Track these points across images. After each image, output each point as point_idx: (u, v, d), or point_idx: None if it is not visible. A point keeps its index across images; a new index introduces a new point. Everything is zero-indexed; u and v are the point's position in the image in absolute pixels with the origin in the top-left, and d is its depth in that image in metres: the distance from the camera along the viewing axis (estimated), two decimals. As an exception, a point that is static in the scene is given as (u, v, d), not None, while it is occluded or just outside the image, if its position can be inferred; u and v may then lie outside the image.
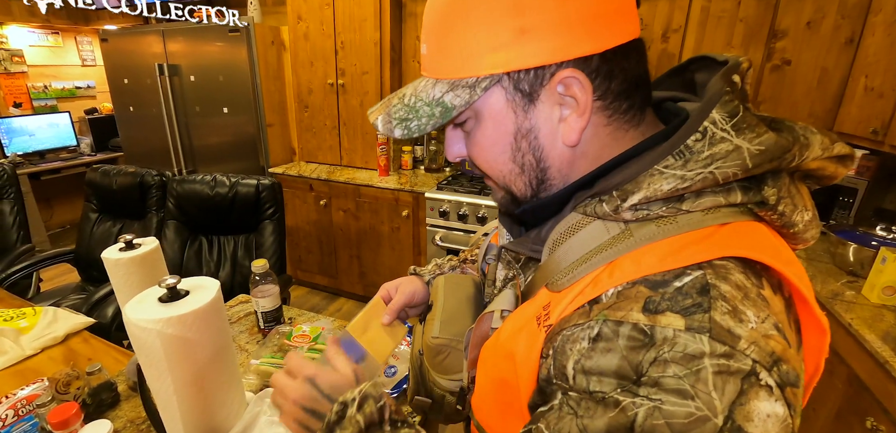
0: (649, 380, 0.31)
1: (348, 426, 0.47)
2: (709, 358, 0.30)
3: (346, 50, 2.63)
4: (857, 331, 1.22)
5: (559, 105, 0.40)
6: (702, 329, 0.31)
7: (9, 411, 0.90)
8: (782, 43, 1.94)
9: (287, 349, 0.99)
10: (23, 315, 1.31)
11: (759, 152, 0.34)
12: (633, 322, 0.33)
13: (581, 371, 0.35)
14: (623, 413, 0.32)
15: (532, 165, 0.43)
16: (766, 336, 0.32)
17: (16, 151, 3.79)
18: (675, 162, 0.36)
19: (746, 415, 0.30)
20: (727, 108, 0.35)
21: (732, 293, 0.33)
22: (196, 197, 1.87)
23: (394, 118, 0.44)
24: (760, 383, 0.30)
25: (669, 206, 0.37)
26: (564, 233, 0.42)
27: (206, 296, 0.71)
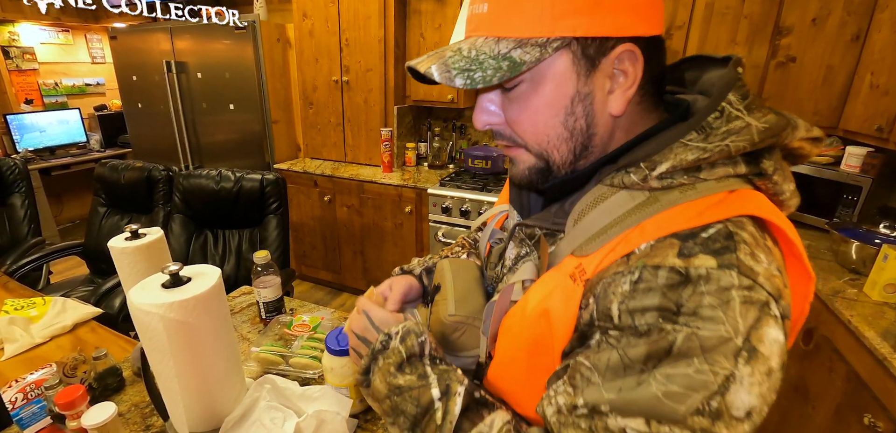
0: (688, 310, 0.37)
1: (391, 355, 0.52)
2: (737, 289, 0.36)
3: (351, 47, 2.65)
4: (856, 328, 1.22)
5: (610, 77, 0.44)
6: (731, 266, 0.37)
7: (18, 394, 0.93)
8: (787, 40, 1.93)
9: (287, 337, 1.01)
10: (33, 305, 1.34)
11: (765, 128, 0.41)
12: (671, 265, 0.38)
13: (626, 310, 0.39)
14: (664, 338, 0.37)
15: (582, 130, 0.46)
16: (773, 275, 0.38)
17: (27, 147, 3.86)
18: (698, 136, 0.42)
19: (759, 338, 0.36)
20: (740, 92, 0.42)
21: (749, 239, 0.39)
22: (202, 191, 1.90)
23: (453, 68, 0.44)
24: (770, 313, 0.37)
25: (690, 175, 0.43)
26: (590, 204, 0.47)
27: (207, 282, 0.73)
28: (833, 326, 1.35)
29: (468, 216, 2.36)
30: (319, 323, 1.06)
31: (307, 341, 0.99)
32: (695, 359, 0.36)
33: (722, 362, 0.35)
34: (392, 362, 0.52)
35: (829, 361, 1.35)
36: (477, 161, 2.60)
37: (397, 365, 0.51)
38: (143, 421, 0.88)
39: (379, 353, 0.53)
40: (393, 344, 0.52)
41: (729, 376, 0.35)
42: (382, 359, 0.52)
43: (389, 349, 0.52)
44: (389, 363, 0.52)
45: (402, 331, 0.53)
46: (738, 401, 0.35)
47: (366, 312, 0.58)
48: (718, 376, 0.35)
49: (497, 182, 2.46)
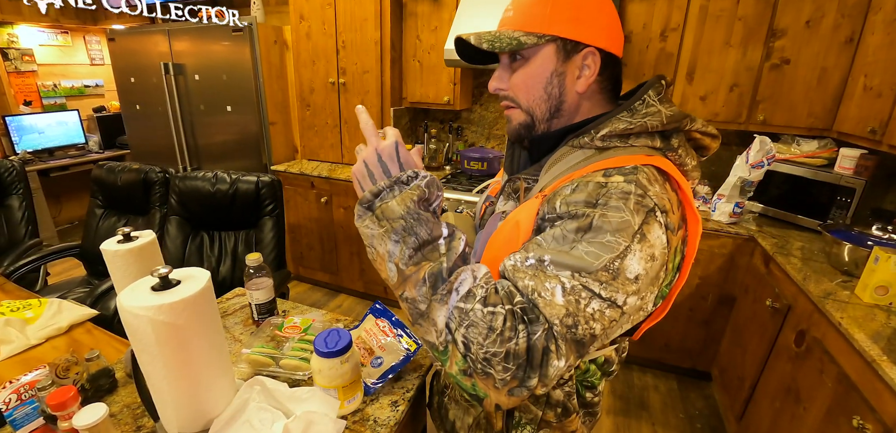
0: (602, 202, 0.58)
1: (415, 190, 0.59)
2: (633, 195, 0.57)
3: (348, 49, 2.66)
4: (846, 330, 1.23)
5: (580, 67, 0.67)
6: (631, 181, 0.58)
7: (12, 395, 0.94)
8: (781, 42, 1.94)
9: (279, 339, 1.02)
10: (29, 306, 1.35)
11: (671, 115, 0.65)
12: (596, 180, 0.60)
13: (564, 202, 0.60)
14: (587, 218, 0.57)
15: (556, 96, 0.69)
16: (661, 196, 0.59)
17: (26, 149, 3.87)
18: (627, 115, 0.66)
19: (649, 229, 0.57)
20: (656, 90, 0.67)
21: (650, 174, 0.60)
22: (198, 193, 1.91)
23: (484, 39, 0.67)
24: (656, 218, 0.58)
25: (622, 141, 0.65)
26: (556, 159, 0.69)
27: (196, 285, 0.73)
28: (824, 328, 1.36)
29: (464, 217, 2.37)
30: (310, 325, 1.07)
31: (298, 343, 1.00)
32: (607, 234, 0.56)
33: (622, 238, 0.55)
34: (415, 195, 0.59)
35: (820, 363, 1.35)
36: (473, 162, 2.61)
37: (418, 200, 0.59)
38: (135, 422, 0.88)
39: (404, 184, 0.60)
40: (419, 183, 0.60)
41: (627, 248, 0.55)
42: (407, 189, 0.59)
43: (414, 186, 0.60)
44: (412, 195, 0.59)
45: (428, 177, 0.61)
46: (631, 267, 0.55)
47: (397, 142, 0.64)
48: (620, 246, 0.55)
49: (493, 183, 2.46)
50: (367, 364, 0.95)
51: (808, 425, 1.37)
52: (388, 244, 0.58)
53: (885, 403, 1.08)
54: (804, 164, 1.98)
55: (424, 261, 0.57)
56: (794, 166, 1.99)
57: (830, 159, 1.96)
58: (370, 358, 0.96)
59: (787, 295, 1.62)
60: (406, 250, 0.57)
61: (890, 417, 1.06)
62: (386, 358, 0.96)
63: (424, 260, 0.57)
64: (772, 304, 1.69)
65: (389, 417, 0.89)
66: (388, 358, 0.96)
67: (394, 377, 0.96)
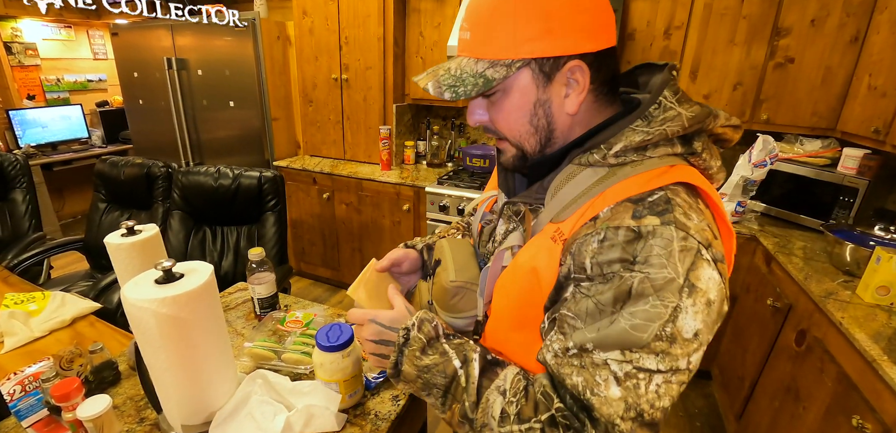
0: (641, 259, 0.48)
1: (414, 344, 0.62)
2: (675, 241, 0.48)
3: (351, 45, 2.66)
4: (847, 329, 1.23)
5: (566, 85, 0.56)
6: (669, 222, 0.49)
7: (16, 387, 0.95)
8: (786, 41, 1.93)
9: (281, 333, 1.03)
10: (32, 299, 1.36)
11: (692, 117, 0.54)
12: (627, 225, 0.50)
13: (596, 263, 0.51)
14: (624, 283, 0.49)
15: (544, 127, 0.59)
16: (703, 229, 0.50)
17: (29, 143, 3.88)
18: (643, 123, 0.55)
19: (697, 277, 0.48)
20: (672, 89, 0.56)
21: (683, 203, 0.51)
22: (200, 188, 1.91)
23: (443, 85, 0.57)
24: (703, 257, 0.49)
25: (638, 154, 0.55)
26: (563, 180, 0.59)
27: (199, 278, 0.74)
28: (825, 328, 1.36)
29: (464, 214, 2.37)
30: (312, 319, 1.07)
31: (300, 337, 1.01)
32: (650, 298, 0.47)
33: (670, 297, 0.47)
34: (416, 349, 0.61)
35: (821, 362, 1.35)
36: (475, 159, 2.61)
37: (421, 349, 0.61)
38: (138, 413, 0.89)
39: (404, 346, 0.62)
40: (413, 334, 0.62)
41: (676, 307, 0.47)
42: (407, 349, 0.62)
43: (411, 339, 0.62)
44: (414, 350, 0.61)
45: (417, 321, 0.63)
46: (686, 326, 0.47)
47: (374, 320, 0.66)
48: (668, 308, 0.47)
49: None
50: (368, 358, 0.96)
51: (807, 424, 1.38)
52: (423, 397, 0.62)
53: (884, 403, 1.08)
54: (807, 164, 1.98)
55: (454, 402, 0.59)
56: (797, 166, 1.99)
57: (834, 159, 1.96)
58: (371, 353, 0.97)
59: (788, 294, 1.62)
60: (437, 402, 0.60)
61: (890, 417, 1.06)
62: (387, 353, 0.96)
63: (454, 401, 0.59)
64: (773, 304, 1.69)
65: (390, 411, 0.90)
66: (389, 353, 0.96)
67: (395, 372, 0.97)
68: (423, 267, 0.87)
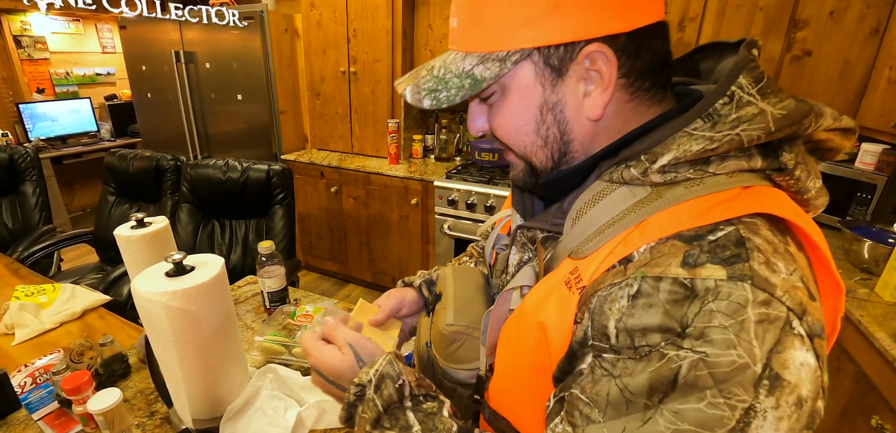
0: (695, 332, 0.32)
1: (368, 409, 0.48)
2: (752, 306, 0.31)
3: (359, 37, 2.64)
4: (866, 328, 1.20)
5: (584, 80, 0.42)
6: (744, 277, 0.32)
7: (27, 379, 0.95)
8: (803, 33, 1.89)
9: (291, 328, 1.02)
10: (43, 291, 1.36)
11: (782, 116, 0.36)
12: (673, 276, 0.34)
13: (624, 329, 0.35)
14: (667, 365, 0.32)
15: (556, 138, 0.45)
16: (795, 287, 0.33)
17: (39, 136, 3.91)
18: (704, 124, 0.38)
19: (783, 363, 0.31)
20: (753, 74, 0.38)
21: (765, 245, 0.34)
22: (209, 181, 1.91)
23: (422, 89, 0.45)
24: (794, 332, 0.31)
25: (696, 169, 0.38)
26: (588, 202, 0.43)
27: (210, 272, 0.73)
28: (842, 326, 1.32)
29: (474, 209, 2.35)
30: (322, 313, 1.06)
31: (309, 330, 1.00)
32: (707, 392, 0.31)
33: (739, 393, 0.30)
34: (367, 417, 0.48)
35: (837, 361, 1.33)
36: (484, 154, 2.59)
37: (373, 420, 0.47)
38: (148, 407, 0.89)
39: (354, 406, 0.49)
40: (368, 394, 0.48)
41: (748, 409, 0.30)
42: (360, 410, 0.48)
43: (365, 400, 0.48)
44: (365, 419, 0.48)
45: (375, 378, 0.48)
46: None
47: (317, 369, 0.54)
48: (736, 411, 0.30)
49: (503, 175, 2.44)
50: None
51: (823, 423, 1.35)
52: None
53: (907, 404, 1.05)
54: (824, 159, 1.94)
55: None
56: (831, 159, 1.95)
57: (851, 154, 1.92)
58: (382, 348, 0.96)
59: (804, 292, 1.59)
60: None
61: (912, 418, 1.03)
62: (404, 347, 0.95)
63: None
64: (788, 301, 1.66)
65: (402, 408, 0.88)
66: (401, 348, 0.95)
67: (406, 368, 0.96)
68: (425, 304, 0.74)
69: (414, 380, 0.50)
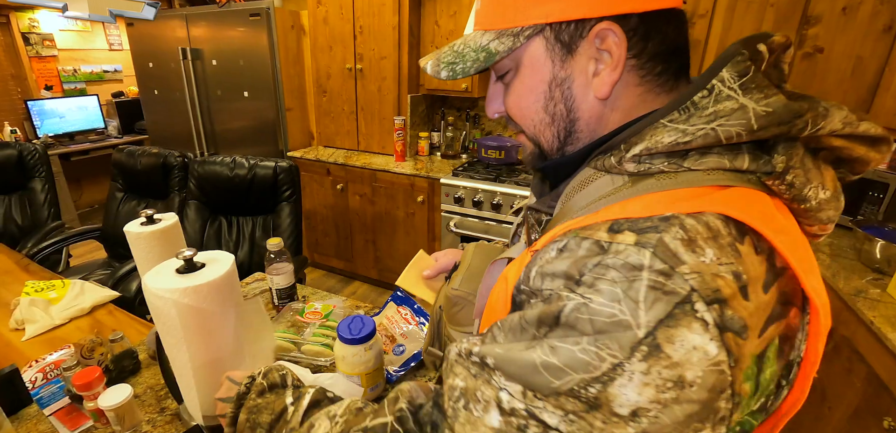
0: (588, 280, 0.33)
1: (254, 390, 0.58)
2: (646, 271, 0.32)
3: (365, 35, 2.64)
4: (878, 329, 1.18)
5: (594, 59, 0.42)
6: (647, 245, 0.32)
7: (38, 374, 0.95)
8: (815, 29, 1.86)
9: (300, 325, 1.02)
10: (52, 287, 1.37)
11: (766, 114, 0.34)
12: (596, 238, 0.35)
13: (539, 273, 0.38)
14: (556, 304, 0.34)
15: (562, 115, 0.46)
16: (718, 275, 0.31)
17: (47, 133, 3.93)
18: (679, 116, 0.38)
19: (669, 337, 0.30)
20: (737, 68, 0.36)
21: (696, 228, 0.33)
22: (216, 178, 1.91)
23: (442, 62, 0.48)
24: (696, 314, 0.30)
25: (671, 162, 0.38)
26: (575, 186, 0.45)
27: (220, 269, 0.73)
28: (854, 327, 1.31)
29: (480, 207, 2.34)
30: (331, 311, 1.06)
31: (319, 329, 0.99)
32: (584, 338, 0.32)
33: (612, 347, 0.31)
34: (254, 392, 0.58)
35: (849, 362, 1.31)
36: (490, 151, 2.58)
37: (259, 392, 0.58)
38: (158, 403, 0.89)
39: (244, 394, 0.59)
40: (257, 380, 0.59)
41: (617, 365, 0.31)
42: (246, 400, 0.58)
43: (254, 384, 0.59)
44: (252, 395, 0.58)
45: (264, 369, 0.60)
46: (621, 397, 0.31)
47: (229, 377, 0.65)
48: (605, 362, 0.31)
49: (510, 172, 2.43)
50: (388, 351, 0.94)
51: (833, 425, 1.34)
52: None
53: (921, 406, 1.04)
54: (835, 158, 1.91)
55: None
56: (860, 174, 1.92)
57: (863, 153, 1.89)
58: (392, 345, 0.95)
59: (814, 292, 1.57)
60: None
61: (927, 420, 1.02)
62: (408, 346, 0.95)
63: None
64: (798, 301, 1.64)
65: (411, 406, 0.88)
66: (410, 346, 0.95)
67: (416, 365, 0.95)
68: None
69: (295, 377, 0.62)
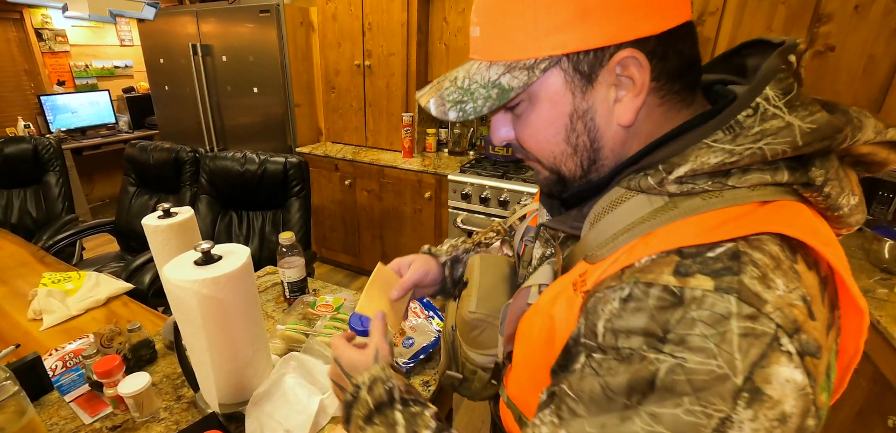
0: (675, 338, 0.33)
1: (361, 407, 0.54)
2: (736, 319, 0.32)
3: (374, 31, 2.65)
4: (885, 328, 1.18)
5: (615, 86, 0.41)
6: (730, 290, 0.32)
7: (58, 362, 0.98)
8: (826, 27, 1.85)
9: (310, 317, 1.04)
10: (68, 278, 1.40)
11: (811, 130, 0.35)
12: (664, 284, 0.34)
13: (610, 329, 0.36)
14: (646, 367, 0.33)
15: (585, 146, 0.44)
16: (792, 304, 0.33)
17: (60, 127, 3.99)
18: (725, 136, 0.37)
19: (765, 378, 0.31)
20: (781, 86, 0.37)
21: (764, 261, 0.34)
22: (227, 173, 1.94)
23: (448, 101, 0.44)
24: (781, 349, 0.31)
25: (715, 181, 0.38)
26: (606, 207, 0.43)
27: (237, 261, 0.75)
28: (863, 326, 1.31)
29: (488, 203, 2.35)
30: (342, 304, 1.08)
31: (330, 321, 1.01)
32: (685, 398, 0.32)
33: (716, 403, 0.31)
34: (360, 415, 0.53)
35: (858, 361, 1.31)
36: (497, 148, 2.59)
37: (365, 416, 0.53)
38: (175, 391, 0.91)
39: (351, 405, 0.55)
40: (361, 394, 0.54)
41: (724, 419, 0.31)
42: (354, 409, 0.54)
43: (359, 400, 0.54)
44: (358, 416, 0.54)
45: (368, 380, 0.54)
46: None
47: (337, 360, 0.61)
48: (712, 419, 0.31)
49: (517, 169, 2.44)
50: (398, 344, 0.96)
51: (838, 423, 1.34)
52: None
53: (929, 405, 1.04)
54: (845, 157, 1.90)
55: None
56: (878, 173, 1.91)
57: (873, 152, 1.88)
58: (401, 338, 0.97)
59: (823, 291, 1.57)
60: None
61: (934, 420, 1.02)
62: (417, 339, 0.96)
63: None
64: (806, 300, 1.64)
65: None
66: (419, 339, 0.96)
67: (425, 358, 0.97)
68: (442, 282, 0.78)
69: (403, 385, 0.55)
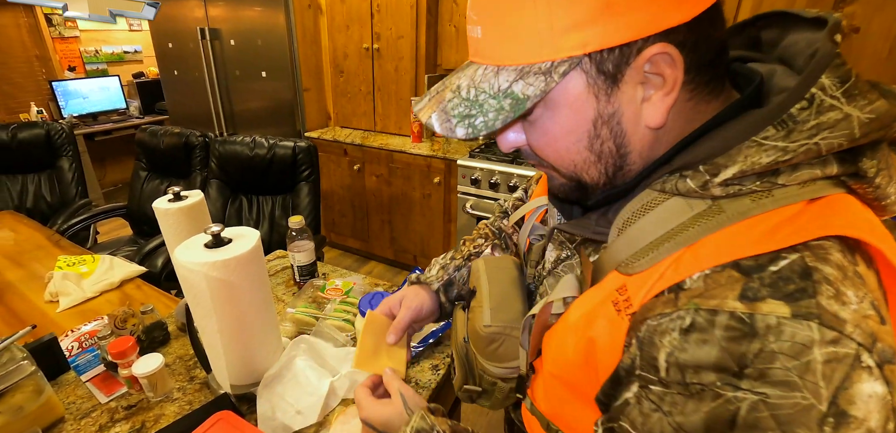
0: (754, 373, 0.30)
1: None
2: (818, 346, 0.29)
3: (382, 13, 2.62)
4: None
5: (642, 84, 0.36)
6: (810, 315, 0.30)
7: (74, 343, 0.99)
8: (852, 8, 1.78)
9: (321, 301, 1.04)
10: (83, 262, 1.42)
11: (870, 120, 0.31)
12: (730, 310, 0.31)
13: (675, 364, 0.33)
14: (724, 406, 0.31)
15: (611, 152, 0.40)
16: (866, 316, 0.30)
17: (72, 113, 4.02)
18: (777, 133, 0.33)
19: (849, 399, 0.29)
20: (838, 73, 0.32)
21: (834, 275, 0.31)
22: (236, 158, 1.94)
23: (453, 116, 0.39)
24: (862, 365, 0.29)
25: (764, 181, 0.34)
26: (637, 211, 0.40)
27: (247, 244, 0.74)
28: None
29: (497, 188, 2.34)
30: (351, 287, 1.08)
31: (339, 305, 1.01)
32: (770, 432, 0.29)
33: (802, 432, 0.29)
34: None
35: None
36: (507, 132, 2.56)
37: None
38: (187, 372, 0.92)
39: None
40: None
41: None
42: None
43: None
44: None
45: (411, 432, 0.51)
46: None
47: (366, 421, 0.57)
48: None
49: (527, 154, 2.41)
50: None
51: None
52: None
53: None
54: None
55: None
56: None
57: (896, 135, 1.83)
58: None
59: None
60: None
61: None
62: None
63: None
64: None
65: (430, 380, 0.90)
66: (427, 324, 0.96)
67: (434, 342, 0.97)
68: (440, 310, 0.73)
69: (446, 428, 0.52)
